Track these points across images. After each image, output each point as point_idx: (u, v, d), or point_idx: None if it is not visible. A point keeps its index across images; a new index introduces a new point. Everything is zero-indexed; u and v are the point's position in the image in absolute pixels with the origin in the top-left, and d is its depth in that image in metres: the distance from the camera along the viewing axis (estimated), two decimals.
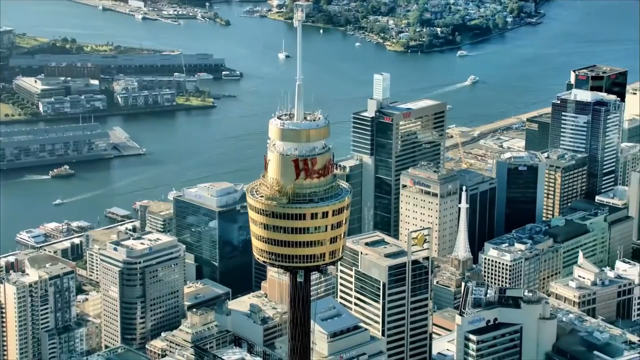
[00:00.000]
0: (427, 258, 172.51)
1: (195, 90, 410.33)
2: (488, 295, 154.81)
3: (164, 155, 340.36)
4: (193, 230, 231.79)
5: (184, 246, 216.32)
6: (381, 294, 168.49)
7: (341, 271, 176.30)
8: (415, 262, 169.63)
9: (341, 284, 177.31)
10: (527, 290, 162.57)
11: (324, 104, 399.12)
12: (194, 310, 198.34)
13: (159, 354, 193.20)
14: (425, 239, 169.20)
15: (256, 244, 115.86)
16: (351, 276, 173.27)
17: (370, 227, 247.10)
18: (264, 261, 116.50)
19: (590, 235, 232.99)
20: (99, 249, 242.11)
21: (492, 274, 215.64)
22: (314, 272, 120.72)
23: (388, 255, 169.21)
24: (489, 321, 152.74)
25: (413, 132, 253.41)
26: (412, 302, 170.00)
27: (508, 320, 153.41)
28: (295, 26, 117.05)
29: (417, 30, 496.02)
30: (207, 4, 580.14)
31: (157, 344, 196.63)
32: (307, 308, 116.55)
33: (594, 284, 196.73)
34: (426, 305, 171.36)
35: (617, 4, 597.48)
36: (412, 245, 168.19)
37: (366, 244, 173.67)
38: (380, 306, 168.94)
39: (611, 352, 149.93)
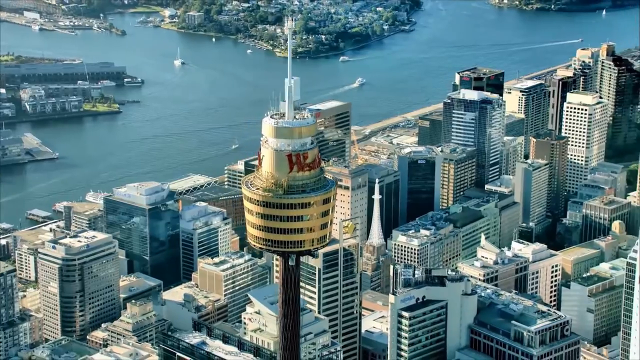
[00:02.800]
0: (353, 245, 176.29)
1: (101, 96, 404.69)
2: (416, 276, 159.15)
3: (77, 159, 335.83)
4: (123, 227, 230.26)
5: (117, 242, 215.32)
6: (317, 279, 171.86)
7: (276, 259, 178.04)
8: (344, 249, 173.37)
9: (277, 271, 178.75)
10: (449, 270, 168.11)
11: (228, 106, 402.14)
12: (133, 301, 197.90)
13: (100, 344, 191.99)
14: (355, 227, 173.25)
15: (252, 232, 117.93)
16: None
17: None
18: (260, 247, 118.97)
19: (485, 220, 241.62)
20: (29, 248, 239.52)
21: (401, 257, 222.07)
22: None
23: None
24: (418, 299, 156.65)
25: (320, 132, 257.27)
26: (343, 285, 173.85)
27: (435, 297, 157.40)
28: (286, 34, 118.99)
29: (304, 37, 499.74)
30: (102, 15, 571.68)
31: (98, 334, 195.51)
32: (297, 289, 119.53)
33: (496, 262, 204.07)
34: (355, 288, 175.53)
35: (477, 13, 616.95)
36: (343, 233, 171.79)
37: None
38: (316, 290, 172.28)
39: (526, 321, 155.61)
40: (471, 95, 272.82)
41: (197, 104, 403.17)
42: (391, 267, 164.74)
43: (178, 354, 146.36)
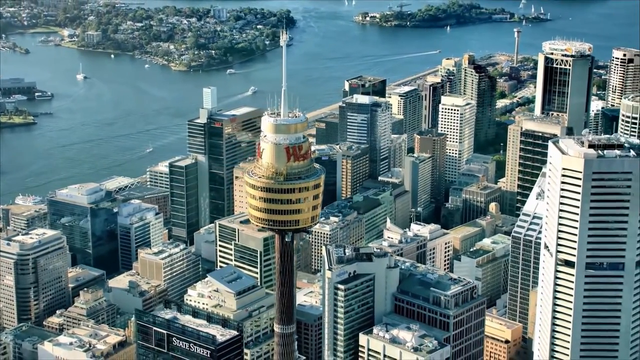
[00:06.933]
0: None
1: (15, 109, 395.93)
2: (347, 254, 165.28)
3: (1, 167, 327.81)
4: (66, 224, 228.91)
5: (65, 238, 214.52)
6: (258, 261, 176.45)
7: (220, 245, 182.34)
8: None
9: (221, 256, 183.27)
10: (375, 248, 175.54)
11: (134, 115, 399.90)
12: (85, 289, 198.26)
13: (57, 328, 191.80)
14: None
15: (255, 214, 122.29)
16: (230, 249, 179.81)
17: (207, 213, 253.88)
18: (263, 227, 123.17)
19: (383, 206, 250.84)
20: None
21: (315, 241, 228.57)
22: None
23: (261, 230, 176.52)
24: (350, 273, 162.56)
25: (234, 135, 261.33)
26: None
27: (364, 272, 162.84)
28: (281, 45, 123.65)
29: (195, 52, 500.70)
30: (3, 35, 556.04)
31: (54, 320, 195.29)
32: (292, 261, 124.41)
33: (400, 241, 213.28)
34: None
35: (344, 29, 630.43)
36: None
37: (241, 222, 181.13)
38: (258, 270, 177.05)
39: (442, 287, 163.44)
40: (363, 99, 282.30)
41: (105, 114, 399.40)
42: (324, 248, 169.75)
43: (155, 328, 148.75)
